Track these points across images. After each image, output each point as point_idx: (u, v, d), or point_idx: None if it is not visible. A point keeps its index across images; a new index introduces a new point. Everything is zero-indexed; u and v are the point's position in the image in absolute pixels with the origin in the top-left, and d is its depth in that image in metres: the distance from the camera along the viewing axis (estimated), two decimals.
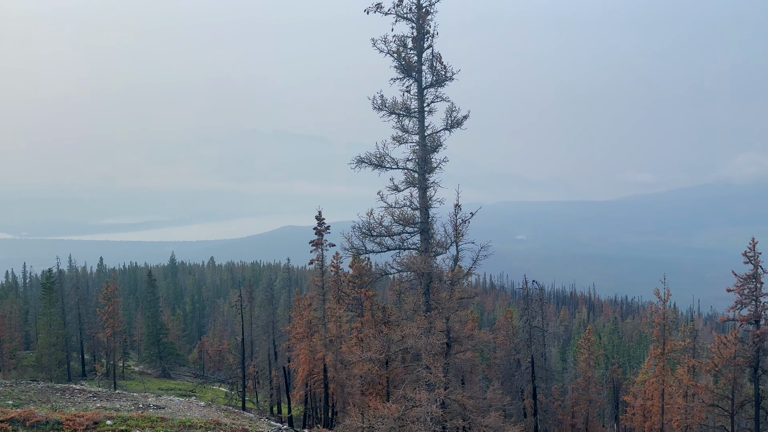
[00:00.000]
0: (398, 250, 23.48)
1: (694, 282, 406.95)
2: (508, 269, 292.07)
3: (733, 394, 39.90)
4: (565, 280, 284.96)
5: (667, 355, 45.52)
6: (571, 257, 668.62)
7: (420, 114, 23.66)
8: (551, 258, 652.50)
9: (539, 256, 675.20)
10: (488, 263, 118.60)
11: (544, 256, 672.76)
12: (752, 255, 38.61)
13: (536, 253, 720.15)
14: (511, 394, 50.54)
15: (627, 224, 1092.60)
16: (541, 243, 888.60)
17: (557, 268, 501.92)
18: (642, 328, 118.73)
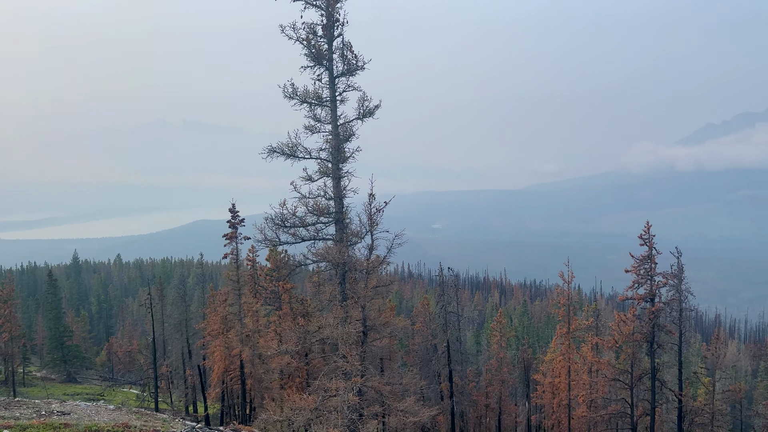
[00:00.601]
0: (313, 240, 23.31)
1: (597, 265, 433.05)
2: (425, 257, 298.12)
3: (632, 368, 42.88)
4: (478, 267, 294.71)
5: (572, 334, 48.20)
6: (484, 244, 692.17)
7: (332, 103, 23.50)
8: (466, 245, 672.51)
9: (454, 244, 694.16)
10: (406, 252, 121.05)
11: (459, 244, 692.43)
12: (647, 238, 41.51)
13: (452, 241, 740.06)
14: (429, 378, 51.76)
15: (535, 212, 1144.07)
16: (457, 231, 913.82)
17: (471, 255, 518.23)
18: (550, 309, 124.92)
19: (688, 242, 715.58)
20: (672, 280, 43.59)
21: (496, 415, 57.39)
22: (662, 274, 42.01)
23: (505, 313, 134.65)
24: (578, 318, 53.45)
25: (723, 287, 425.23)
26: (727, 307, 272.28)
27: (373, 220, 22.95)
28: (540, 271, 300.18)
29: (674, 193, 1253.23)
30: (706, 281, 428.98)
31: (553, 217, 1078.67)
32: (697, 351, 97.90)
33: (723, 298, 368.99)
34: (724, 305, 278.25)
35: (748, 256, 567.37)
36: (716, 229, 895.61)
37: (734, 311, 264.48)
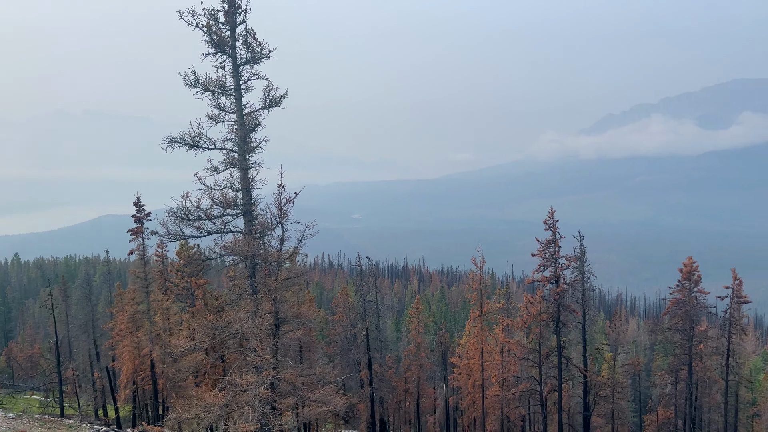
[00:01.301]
0: (220, 233, 22.68)
1: (509, 250, 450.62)
2: (346, 248, 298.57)
3: (539, 347, 45.07)
4: (398, 255, 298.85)
5: (485, 316, 50.00)
6: (403, 233, 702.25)
7: (236, 92, 22.86)
8: (385, 235, 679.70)
9: (374, 234, 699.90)
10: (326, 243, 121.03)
11: (379, 233, 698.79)
12: (551, 223, 43.60)
13: (371, 231, 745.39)
14: (350, 367, 52.08)
15: (451, 200, 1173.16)
16: (376, 221, 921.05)
17: (391, 244, 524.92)
18: (465, 294, 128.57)
19: (591, 226, 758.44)
20: (575, 262, 46.10)
21: (415, 399, 58.70)
22: (566, 256, 44.31)
23: (424, 299, 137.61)
24: (490, 301, 55.45)
25: (624, 268, 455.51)
26: (627, 286, 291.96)
27: (284, 211, 22.65)
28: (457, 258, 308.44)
29: (578, 180, 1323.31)
30: (608, 263, 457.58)
31: (468, 205, 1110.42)
32: (601, 328, 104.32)
33: (624, 278, 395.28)
34: (625, 285, 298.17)
35: (646, 238, 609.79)
36: (617, 213, 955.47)
37: (634, 290, 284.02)
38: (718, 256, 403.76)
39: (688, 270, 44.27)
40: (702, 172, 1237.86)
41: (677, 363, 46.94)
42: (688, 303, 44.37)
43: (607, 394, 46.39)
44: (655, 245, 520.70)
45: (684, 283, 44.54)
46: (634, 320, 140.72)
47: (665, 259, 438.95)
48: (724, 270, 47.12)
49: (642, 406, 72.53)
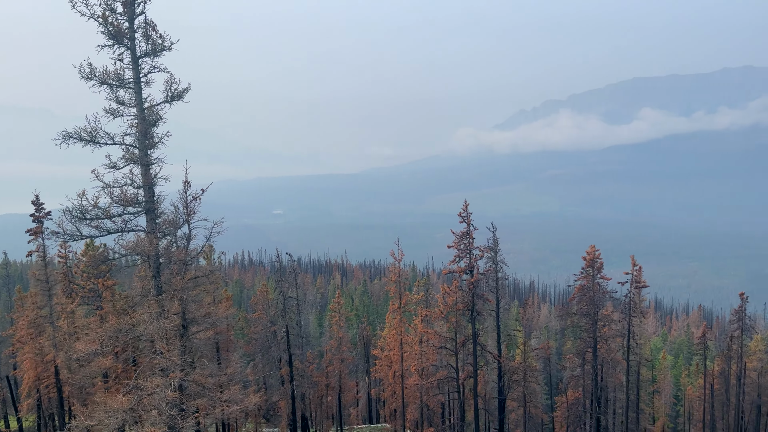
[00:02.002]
0: (121, 233, 21.66)
1: (429, 242, 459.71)
2: (267, 244, 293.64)
3: (456, 335, 46.40)
4: (321, 250, 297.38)
5: (404, 308, 50.83)
6: (326, 228, 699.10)
7: (136, 85, 21.87)
8: (307, 230, 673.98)
9: (296, 229, 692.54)
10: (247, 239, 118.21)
11: (301, 229, 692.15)
12: (465, 216, 44.87)
13: (293, 226, 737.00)
14: (270, 364, 51.41)
15: (373, 194, 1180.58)
16: (298, 216, 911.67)
17: (314, 239, 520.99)
18: (387, 287, 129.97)
19: (506, 218, 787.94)
20: (488, 252, 47.71)
21: (337, 394, 58.83)
22: (479, 247, 45.77)
23: (346, 293, 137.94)
24: (410, 293, 56.40)
25: (536, 257, 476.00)
26: (539, 274, 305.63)
27: (190, 208, 21.95)
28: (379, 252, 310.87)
29: (494, 173, 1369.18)
30: (521, 252, 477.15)
31: (390, 199, 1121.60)
32: (515, 315, 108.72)
33: (536, 266, 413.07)
34: (537, 273, 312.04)
35: (556, 228, 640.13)
36: (529, 205, 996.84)
37: (545, 278, 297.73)
38: (621, 245, 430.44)
39: (591, 258, 46.96)
40: (606, 166, 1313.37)
41: (584, 346, 49.73)
42: (591, 289, 47.08)
43: (519, 378, 48.47)
44: (564, 235, 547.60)
45: (588, 270, 47.22)
46: (545, 306, 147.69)
47: (573, 247, 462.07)
48: (627, 257, 50.32)
49: (553, 388, 76.32)
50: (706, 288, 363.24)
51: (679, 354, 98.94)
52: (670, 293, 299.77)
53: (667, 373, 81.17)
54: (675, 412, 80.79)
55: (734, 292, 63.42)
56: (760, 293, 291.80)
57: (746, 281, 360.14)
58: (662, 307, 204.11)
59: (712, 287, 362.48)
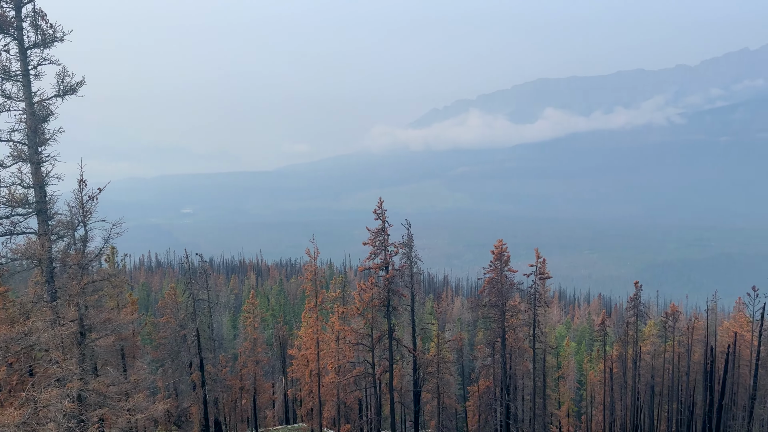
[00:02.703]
0: (10, 235, 20.05)
1: (347, 240, 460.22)
2: (176, 245, 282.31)
3: (372, 331, 46.78)
4: (234, 250, 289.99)
5: (321, 306, 50.63)
6: (239, 227, 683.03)
7: (24, 78, 20.23)
8: (220, 229, 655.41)
9: (208, 229, 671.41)
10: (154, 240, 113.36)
11: (213, 228, 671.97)
12: (380, 212, 45.27)
13: (205, 226, 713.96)
14: (180, 369, 49.55)
15: (289, 192, 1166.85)
16: (210, 215, 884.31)
17: (227, 239, 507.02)
18: (303, 285, 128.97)
19: (420, 214, 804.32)
20: (403, 248, 48.42)
21: (252, 396, 57.69)
22: (394, 244, 46.36)
23: (261, 293, 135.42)
24: (326, 291, 56.19)
25: (449, 251, 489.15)
26: (453, 268, 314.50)
27: (86, 208, 20.68)
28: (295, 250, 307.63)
29: (408, 170, 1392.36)
30: (435, 247, 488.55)
31: (306, 197, 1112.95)
32: (430, 309, 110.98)
33: (450, 261, 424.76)
34: (451, 267, 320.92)
35: (468, 223, 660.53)
36: (442, 201, 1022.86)
37: (459, 272, 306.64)
38: (528, 238, 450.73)
39: (499, 251, 48.83)
40: (514, 163, 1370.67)
41: (493, 336, 51.65)
42: (500, 281, 48.96)
43: (434, 370, 49.62)
44: (475, 230, 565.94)
45: (496, 264, 49.06)
46: (458, 299, 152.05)
47: (485, 242, 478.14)
48: (533, 250, 52.70)
49: (466, 378, 78.74)
50: (606, 278, 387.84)
51: (581, 341, 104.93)
52: (573, 283, 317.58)
53: (570, 359, 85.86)
54: (579, 396, 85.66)
55: (630, 281, 68.18)
56: (653, 281, 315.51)
57: (641, 270, 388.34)
58: (566, 297, 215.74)
59: (611, 277, 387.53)
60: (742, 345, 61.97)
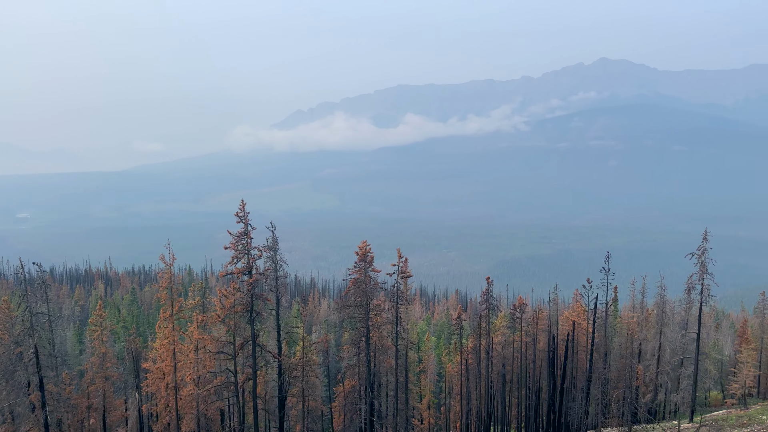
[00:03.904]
0: None
1: (208, 244, 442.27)
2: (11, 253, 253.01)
3: (234, 338, 45.32)
4: (79, 258, 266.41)
5: (178, 315, 48.05)
6: (85, 232, 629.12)
7: None
8: (62, 235, 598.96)
9: (48, 235, 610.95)
10: None
11: (55, 234, 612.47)
12: (242, 215, 44.04)
13: (44, 232, 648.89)
14: (16, 390, 44.56)
15: (142, 194, 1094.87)
16: (50, 220, 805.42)
17: (70, 246, 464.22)
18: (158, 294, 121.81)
19: (286, 216, 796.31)
20: (268, 252, 47.55)
21: (101, 414, 53.33)
22: (258, 247, 45.36)
23: (111, 304, 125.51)
24: (184, 299, 53.44)
25: (316, 253, 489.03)
26: (320, 270, 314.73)
27: None
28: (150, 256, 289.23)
29: (274, 172, 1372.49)
30: (302, 250, 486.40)
31: (161, 199, 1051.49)
32: (296, 312, 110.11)
33: (316, 262, 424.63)
34: (318, 269, 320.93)
35: (334, 225, 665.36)
36: (308, 203, 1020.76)
37: (326, 273, 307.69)
38: (392, 238, 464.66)
39: (363, 252, 49.75)
40: (377, 165, 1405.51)
41: (358, 335, 52.46)
42: (364, 281, 49.88)
43: (299, 374, 49.27)
44: (342, 231, 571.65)
45: (360, 264, 49.91)
46: (325, 301, 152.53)
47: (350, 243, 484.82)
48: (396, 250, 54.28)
49: (332, 380, 79.20)
50: (462, 274, 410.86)
51: (440, 335, 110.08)
52: (433, 281, 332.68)
53: (431, 353, 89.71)
54: (438, 388, 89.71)
55: (484, 276, 72.86)
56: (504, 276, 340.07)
57: (493, 266, 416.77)
58: (427, 294, 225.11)
59: (467, 273, 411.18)
60: (580, 332, 68.75)
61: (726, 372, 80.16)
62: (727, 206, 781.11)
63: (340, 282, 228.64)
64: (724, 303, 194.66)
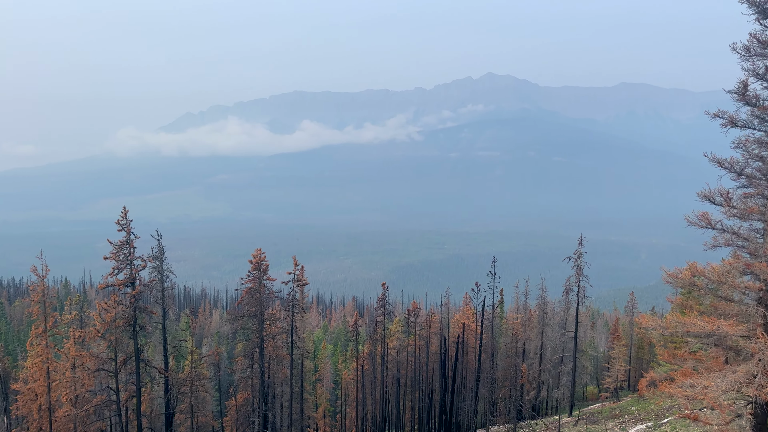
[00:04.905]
0: None
1: (86, 254, 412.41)
2: None
3: (116, 354, 42.59)
4: None
5: (52, 331, 44.36)
6: None
7: None
8: None
9: None
10: None
11: None
12: (125, 223, 41.62)
13: None
14: None
15: (11, 200, 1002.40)
16: None
17: None
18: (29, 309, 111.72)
19: (175, 224, 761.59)
20: (153, 262, 45.27)
21: None
22: (142, 257, 43.06)
23: None
24: (59, 314, 49.45)
25: (208, 263, 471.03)
26: (212, 280, 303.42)
27: None
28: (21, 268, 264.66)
29: (161, 177, 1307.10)
30: (192, 259, 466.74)
31: (33, 206, 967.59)
32: (185, 325, 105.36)
33: (208, 272, 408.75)
34: (210, 279, 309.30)
35: (227, 233, 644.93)
36: (199, 210, 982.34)
37: (218, 283, 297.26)
38: (288, 246, 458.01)
39: (258, 260, 48.72)
40: (273, 172, 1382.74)
41: (252, 346, 51.20)
42: (258, 290, 48.83)
43: (187, 389, 47.20)
44: (236, 239, 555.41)
45: (254, 273, 48.84)
46: (217, 312, 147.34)
47: (244, 251, 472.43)
48: (292, 258, 53.59)
49: (224, 393, 76.64)
50: (359, 281, 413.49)
51: (337, 342, 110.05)
52: (331, 288, 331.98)
53: (327, 361, 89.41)
54: (335, 396, 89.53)
55: (380, 282, 73.91)
56: (400, 281, 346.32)
57: (389, 272, 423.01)
58: (324, 301, 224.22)
59: (364, 280, 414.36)
60: (469, 334, 71.56)
61: (601, 367, 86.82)
62: (600, 213, 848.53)
63: (233, 292, 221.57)
64: (599, 303, 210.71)
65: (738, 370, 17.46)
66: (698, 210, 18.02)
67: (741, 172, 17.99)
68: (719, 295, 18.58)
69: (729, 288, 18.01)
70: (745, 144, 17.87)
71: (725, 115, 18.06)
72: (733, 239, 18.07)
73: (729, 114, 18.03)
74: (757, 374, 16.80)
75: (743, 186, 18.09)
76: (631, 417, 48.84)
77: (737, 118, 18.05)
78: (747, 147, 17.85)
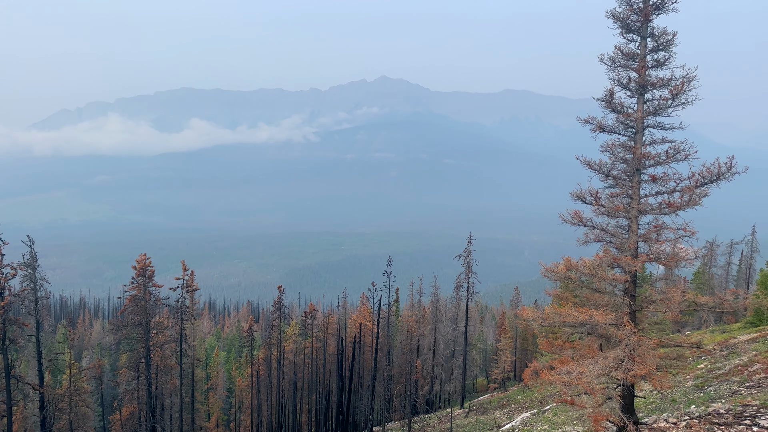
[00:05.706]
0: None
1: None
2: None
3: None
4: None
5: None
6: None
7: None
8: None
9: None
10: None
11: None
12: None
13: None
14: None
15: None
16: None
17: None
18: None
19: (50, 229, 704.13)
20: (24, 270, 41.72)
21: None
22: (11, 265, 39.50)
23: None
24: None
25: (87, 270, 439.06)
26: (91, 288, 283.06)
27: None
28: None
29: (33, 178, 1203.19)
30: (70, 266, 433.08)
31: None
32: (62, 337, 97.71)
33: (87, 280, 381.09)
34: (89, 287, 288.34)
35: (109, 237, 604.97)
36: (77, 213, 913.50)
37: (99, 291, 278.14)
38: (177, 250, 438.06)
39: (142, 266, 46.24)
40: (159, 172, 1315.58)
41: (137, 357, 48.51)
42: (144, 298, 46.34)
43: (65, 405, 43.83)
44: (118, 244, 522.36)
45: (139, 279, 46.30)
46: (98, 322, 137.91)
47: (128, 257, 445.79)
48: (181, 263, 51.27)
49: (107, 408, 72.01)
50: (255, 284, 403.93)
51: (231, 349, 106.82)
52: (224, 293, 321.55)
53: (220, 369, 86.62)
54: (228, 404, 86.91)
55: (276, 285, 72.75)
56: (296, 284, 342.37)
57: (285, 275, 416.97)
58: (216, 307, 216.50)
59: (260, 283, 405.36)
60: (366, 333, 72.31)
61: (489, 360, 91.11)
62: (487, 212, 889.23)
63: (115, 300, 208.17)
64: (487, 298, 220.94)
65: (608, 355, 19.11)
66: (572, 209, 19.48)
67: (608, 174, 19.67)
68: (591, 287, 20.20)
69: (599, 280, 19.63)
70: (612, 148, 19.55)
71: (594, 121, 19.68)
72: (603, 235, 19.73)
73: (598, 120, 19.67)
74: (624, 359, 18.47)
75: (611, 186, 19.78)
76: (518, 406, 51.72)
77: (605, 124, 19.73)
78: (613, 150, 19.54)
